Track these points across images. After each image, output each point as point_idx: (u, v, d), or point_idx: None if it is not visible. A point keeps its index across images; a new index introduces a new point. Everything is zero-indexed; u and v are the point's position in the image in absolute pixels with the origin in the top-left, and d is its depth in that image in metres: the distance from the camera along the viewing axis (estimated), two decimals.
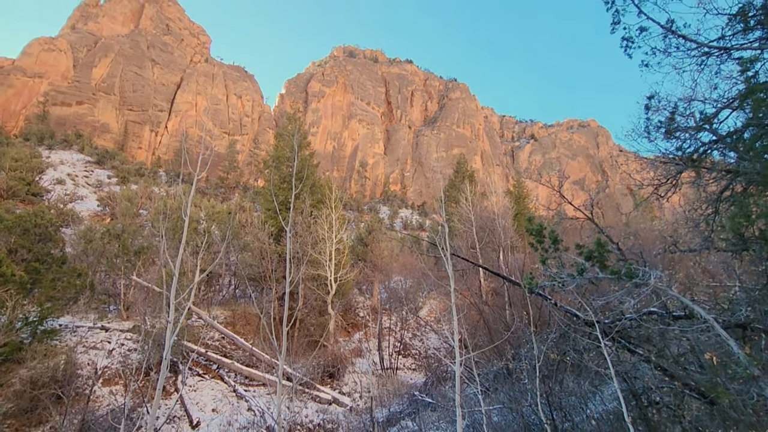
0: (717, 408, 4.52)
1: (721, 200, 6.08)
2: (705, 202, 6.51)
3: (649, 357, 5.57)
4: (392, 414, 13.33)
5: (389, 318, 24.39)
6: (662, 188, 5.92)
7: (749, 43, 4.76)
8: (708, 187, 6.47)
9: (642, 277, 4.99)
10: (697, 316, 4.82)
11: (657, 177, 5.91)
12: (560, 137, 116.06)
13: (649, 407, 6.03)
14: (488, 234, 22.96)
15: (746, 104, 4.54)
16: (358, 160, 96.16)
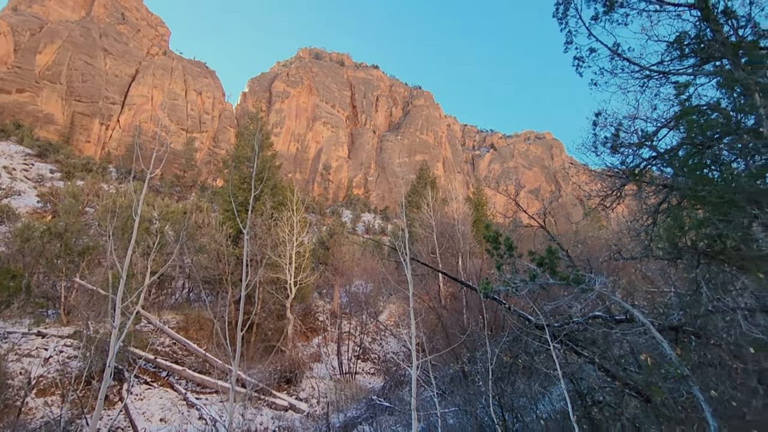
0: (652, 405, 4.85)
1: (659, 212, 6.55)
2: (645, 214, 6.99)
3: (593, 359, 5.90)
4: (349, 419, 13.25)
5: (349, 322, 24.29)
6: (608, 199, 6.31)
7: (684, 69, 5.21)
8: (648, 200, 6.95)
9: (588, 283, 5.30)
10: (636, 320, 5.17)
11: (603, 189, 6.29)
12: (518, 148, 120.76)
13: (593, 406, 6.38)
14: (448, 239, 23.43)
15: (681, 124, 4.95)
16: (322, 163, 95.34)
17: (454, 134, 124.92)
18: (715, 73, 4.64)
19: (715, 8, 4.40)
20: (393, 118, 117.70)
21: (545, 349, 6.61)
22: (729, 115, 5.01)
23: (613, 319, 6.29)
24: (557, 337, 6.33)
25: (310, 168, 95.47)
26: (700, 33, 4.65)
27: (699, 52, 4.64)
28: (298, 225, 20.12)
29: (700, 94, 5.63)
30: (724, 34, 4.41)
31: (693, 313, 5.25)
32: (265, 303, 19.43)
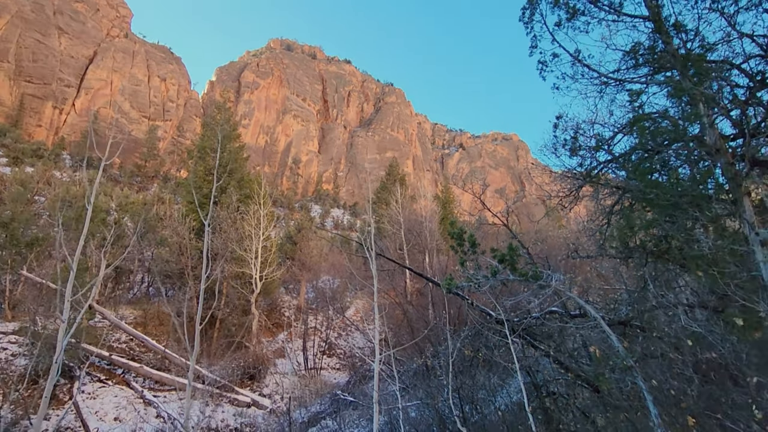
0: (600, 395, 5.13)
1: (613, 213, 6.89)
2: (601, 214, 7.34)
3: (548, 352, 6.17)
4: (313, 414, 13.22)
5: (315, 318, 24.16)
6: (566, 200, 6.58)
7: (639, 78, 5.50)
8: (604, 201, 7.29)
9: (546, 279, 5.52)
10: (589, 315, 5.44)
11: (562, 189, 6.55)
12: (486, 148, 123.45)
13: (547, 397, 6.66)
14: (416, 236, 23.68)
15: (634, 130, 5.23)
16: (291, 157, 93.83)
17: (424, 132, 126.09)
18: (666, 83, 4.92)
19: (667, 21, 4.67)
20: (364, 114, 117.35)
21: (504, 343, 6.83)
22: (677, 123, 5.33)
23: (569, 314, 6.58)
24: (516, 331, 6.56)
25: (279, 161, 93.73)
26: (654, 44, 4.92)
27: (652, 62, 4.91)
28: (265, 219, 19.74)
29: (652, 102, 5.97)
30: (674, 46, 4.69)
31: (640, 308, 5.58)
32: (230, 298, 18.98)
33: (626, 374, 4.66)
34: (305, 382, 17.34)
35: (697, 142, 4.98)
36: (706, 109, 4.31)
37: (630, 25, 5.20)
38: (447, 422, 6.73)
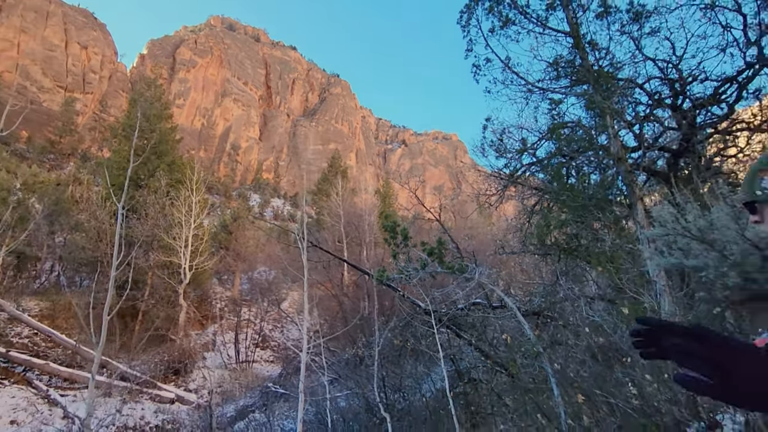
0: (514, 379, 5.57)
1: (534, 212, 7.45)
2: (523, 214, 7.90)
3: (471, 341, 6.56)
4: (242, 408, 12.91)
5: (249, 309, 23.44)
6: (492, 198, 7.00)
7: (560, 88, 5.97)
8: (526, 201, 7.85)
9: (470, 272, 5.85)
10: (507, 306, 5.86)
11: (489, 189, 6.96)
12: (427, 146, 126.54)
13: (468, 383, 7.08)
14: (355, 229, 23.77)
15: (554, 136, 5.69)
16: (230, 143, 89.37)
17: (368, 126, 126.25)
18: (582, 95, 5.41)
19: (585, 38, 5.12)
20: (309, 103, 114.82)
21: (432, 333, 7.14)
22: (590, 132, 5.88)
23: (491, 305, 7.02)
24: (443, 321, 6.89)
25: (216, 146, 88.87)
26: (573, 59, 5.37)
27: (570, 75, 5.36)
28: (197, 206, 18.70)
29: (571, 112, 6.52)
30: (589, 62, 5.16)
31: (551, 300, 6.13)
32: (155, 289, 17.80)
33: (536, 359, 5.11)
34: (236, 375, 16.81)
35: (605, 151, 5.54)
36: (612, 122, 4.81)
37: (554, 38, 5.63)
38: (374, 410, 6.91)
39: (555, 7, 5.31)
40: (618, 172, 4.89)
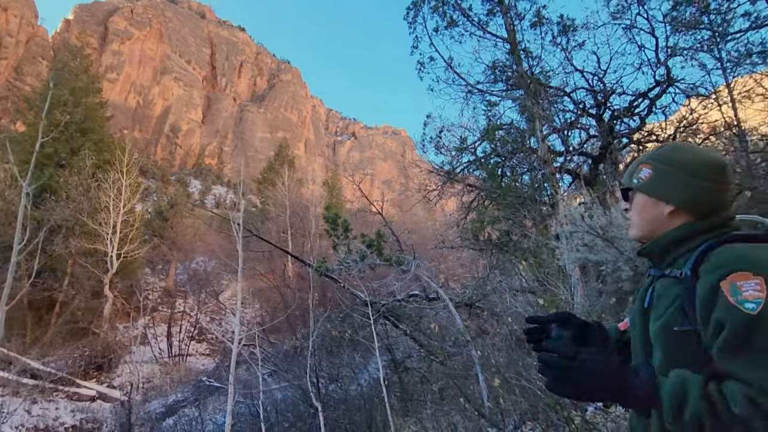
0: (444, 366, 5.85)
1: (471, 209, 7.80)
2: (462, 210, 8.24)
3: (407, 330, 6.78)
4: (174, 403, 12.38)
5: (185, 301, 22.37)
6: (432, 194, 7.24)
7: (497, 91, 6.28)
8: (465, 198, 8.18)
9: (407, 264, 6.03)
10: (441, 297, 6.12)
11: (430, 184, 7.18)
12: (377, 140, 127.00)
13: (404, 372, 7.32)
14: (300, 220, 23.43)
15: (489, 137, 5.99)
16: (170, 124, 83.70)
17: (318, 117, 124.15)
18: (516, 99, 5.74)
19: (520, 45, 5.42)
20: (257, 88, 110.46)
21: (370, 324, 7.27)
22: (522, 135, 6.26)
23: (427, 297, 7.28)
24: (381, 312, 7.05)
25: (154, 127, 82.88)
26: (509, 64, 5.68)
27: (507, 79, 5.66)
28: (128, 189, 17.41)
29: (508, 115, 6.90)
30: (523, 68, 5.48)
31: (482, 292, 6.49)
32: (77, 278, 16.39)
33: (464, 348, 5.40)
34: (167, 369, 16.03)
35: (535, 154, 5.93)
36: (540, 126, 5.16)
37: (493, 43, 5.92)
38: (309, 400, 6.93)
39: (495, 13, 5.57)
40: (544, 173, 5.26)
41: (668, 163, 0.89)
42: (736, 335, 0.66)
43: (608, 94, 6.14)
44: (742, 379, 0.64)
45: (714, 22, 5.97)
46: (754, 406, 0.61)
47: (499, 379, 3.49)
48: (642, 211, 0.93)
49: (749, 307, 0.65)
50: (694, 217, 0.86)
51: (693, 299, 0.75)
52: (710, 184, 0.84)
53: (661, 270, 0.90)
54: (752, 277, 0.66)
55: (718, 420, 0.64)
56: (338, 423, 6.21)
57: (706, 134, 7.08)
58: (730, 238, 0.77)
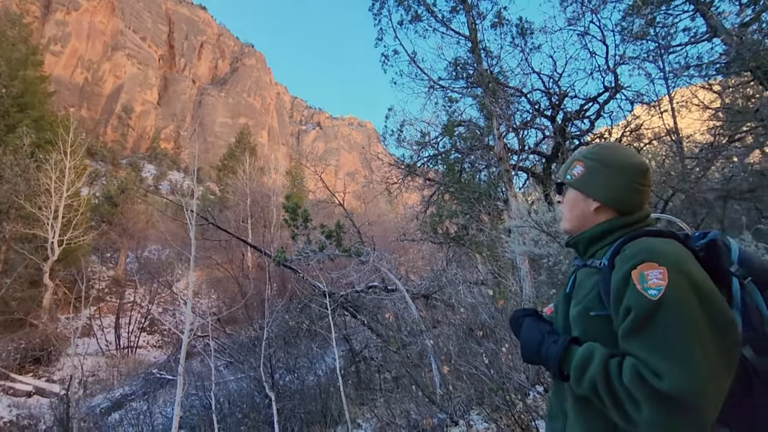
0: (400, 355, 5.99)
1: (431, 203, 7.96)
2: (422, 203, 8.38)
3: (364, 321, 6.87)
4: (121, 397, 11.92)
5: (136, 291, 21.39)
6: (393, 187, 7.32)
7: (458, 88, 6.42)
8: (425, 191, 8.33)
9: (366, 256, 6.09)
10: (399, 289, 6.23)
11: (391, 177, 7.26)
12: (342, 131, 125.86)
13: (361, 362, 7.42)
14: (262, 210, 22.94)
15: (448, 133, 6.13)
16: (122, 104, 78.70)
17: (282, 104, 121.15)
18: (476, 97, 5.89)
19: (481, 44, 5.56)
20: (218, 71, 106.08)
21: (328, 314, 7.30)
22: (482, 132, 6.44)
23: (386, 288, 7.39)
24: (340, 303, 7.10)
25: (103, 107, 77.69)
26: (470, 62, 5.81)
27: (467, 77, 5.80)
28: (72, 172, 16.31)
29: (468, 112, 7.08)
30: (483, 67, 5.64)
31: (439, 284, 6.67)
32: (12, 265, 15.26)
33: (419, 337, 5.56)
34: (115, 362, 15.34)
35: (492, 151, 6.13)
36: (498, 124, 5.34)
37: (456, 40, 6.03)
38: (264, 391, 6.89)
39: (458, 10, 5.68)
40: (499, 170, 5.46)
41: (599, 162, 0.98)
42: (639, 318, 0.75)
43: (562, 96, 6.44)
44: (638, 357, 0.73)
45: (659, 34, 6.38)
46: (641, 382, 0.69)
47: (448, 366, 3.63)
48: (573, 206, 1.02)
49: (652, 294, 0.73)
50: (616, 214, 0.96)
51: (608, 287, 0.84)
52: (633, 185, 0.94)
53: (583, 260, 1.00)
54: (657, 267, 0.75)
55: (609, 387, 0.74)
56: (293, 413, 6.22)
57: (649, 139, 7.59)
58: (643, 233, 0.87)
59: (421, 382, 4.65)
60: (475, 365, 3.45)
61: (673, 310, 0.72)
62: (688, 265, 0.77)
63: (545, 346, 0.87)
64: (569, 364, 0.81)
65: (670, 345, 0.71)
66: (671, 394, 0.66)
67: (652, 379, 0.68)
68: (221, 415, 5.98)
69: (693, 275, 0.75)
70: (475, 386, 3.46)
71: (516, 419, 2.90)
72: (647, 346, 0.73)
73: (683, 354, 0.69)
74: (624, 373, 0.73)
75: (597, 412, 0.82)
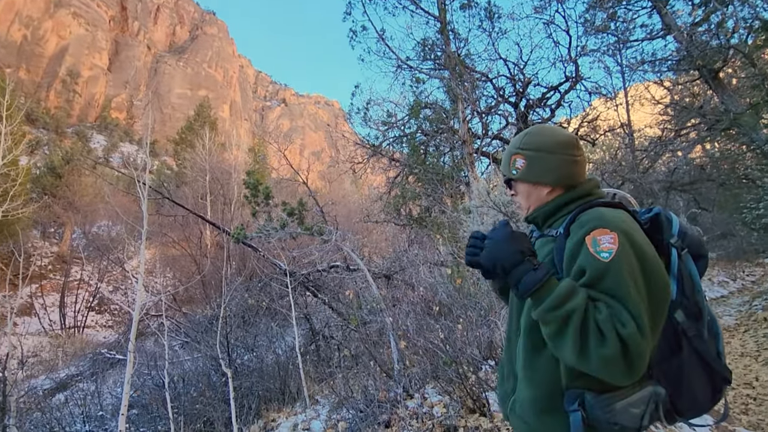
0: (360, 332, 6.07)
1: (395, 184, 7.99)
2: (387, 184, 8.40)
3: (325, 300, 6.88)
4: (67, 378, 11.42)
5: (83, 269, 20.29)
6: (358, 166, 7.27)
7: (427, 70, 6.40)
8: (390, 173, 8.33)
9: (328, 235, 6.06)
10: (360, 268, 6.27)
11: (356, 157, 7.20)
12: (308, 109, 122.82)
13: (321, 340, 7.46)
14: (222, 187, 22.21)
15: (414, 114, 6.13)
16: (67, 67, 72.61)
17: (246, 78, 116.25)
18: (443, 79, 5.91)
19: (450, 25, 5.55)
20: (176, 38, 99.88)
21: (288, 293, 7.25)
22: (447, 115, 6.49)
23: (348, 268, 7.41)
24: (301, 282, 7.06)
25: (46, 69, 71.44)
26: (439, 43, 5.80)
27: (435, 58, 5.79)
28: (8, 138, 14.98)
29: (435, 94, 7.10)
30: (451, 49, 5.64)
31: (400, 265, 6.77)
32: None
33: (379, 315, 5.65)
34: (59, 342, 14.60)
35: (457, 134, 6.21)
36: (463, 108, 5.39)
37: (425, 20, 5.98)
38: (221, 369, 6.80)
39: None
40: (462, 153, 5.54)
41: (535, 149, 1.04)
42: (593, 278, 0.81)
43: (526, 84, 6.58)
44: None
45: (619, 28, 6.63)
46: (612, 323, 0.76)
47: (405, 342, 3.72)
48: (528, 196, 1.08)
49: (604, 256, 0.80)
50: (564, 190, 1.02)
51: (562, 253, 0.90)
52: (566, 158, 1.00)
53: (541, 232, 1.06)
54: (609, 233, 0.82)
55: (584, 320, 0.78)
56: (251, 390, 6.19)
57: (604, 131, 7.94)
58: (595, 203, 0.93)
59: (380, 358, 4.74)
60: (432, 341, 3.57)
61: (621, 270, 0.79)
62: (635, 232, 0.85)
63: (521, 269, 0.86)
64: (548, 291, 0.83)
65: (618, 301, 0.78)
66: (626, 338, 0.73)
67: (617, 324, 0.75)
68: (175, 393, 5.85)
69: (638, 241, 0.83)
70: (431, 361, 3.58)
71: (468, 391, 3.03)
72: (604, 297, 0.80)
73: (632, 309, 0.76)
74: (601, 312, 0.78)
75: (546, 372, 0.89)
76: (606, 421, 0.81)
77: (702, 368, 0.88)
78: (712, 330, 0.91)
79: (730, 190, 8.63)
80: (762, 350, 4.31)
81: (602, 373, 0.77)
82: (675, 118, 8.18)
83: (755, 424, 2.97)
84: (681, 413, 0.91)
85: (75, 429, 6.01)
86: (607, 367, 0.75)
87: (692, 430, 1.15)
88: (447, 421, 2.93)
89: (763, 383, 3.61)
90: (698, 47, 5.12)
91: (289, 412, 5.53)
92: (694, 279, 0.92)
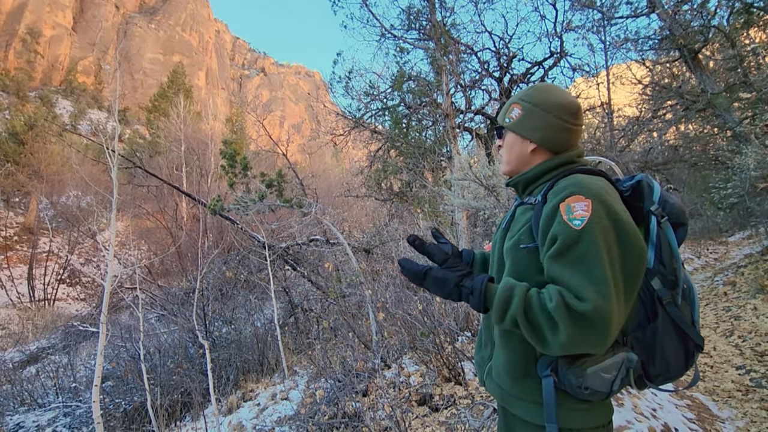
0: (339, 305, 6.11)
1: (376, 158, 7.89)
2: (368, 158, 8.29)
3: (304, 273, 6.86)
4: (38, 350, 11.20)
5: (52, 240, 19.60)
6: (339, 139, 7.13)
7: (410, 39, 6.23)
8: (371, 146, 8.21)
9: (308, 208, 5.97)
10: (340, 242, 6.24)
11: (336, 129, 7.04)
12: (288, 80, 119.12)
13: (301, 313, 7.48)
14: (198, 158, 21.56)
15: (397, 86, 5.99)
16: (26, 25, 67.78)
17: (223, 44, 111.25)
18: (427, 50, 5.77)
19: None
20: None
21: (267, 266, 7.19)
22: (431, 87, 6.38)
23: (328, 241, 7.38)
24: (280, 255, 6.99)
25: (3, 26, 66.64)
26: (425, 11, 5.63)
27: (420, 28, 5.62)
28: None
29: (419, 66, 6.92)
30: (437, 18, 5.49)
31: (380, 239, 6.77)
32: None
33: (358, 288, 5.68)
34: (29, 315, 14.23)
35: (440, 108, 6.12)
36: (448, 81, 5.30)
37: None
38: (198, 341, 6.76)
39: None
40: (445, 126, 5.49)
41: (534, 103, 0.99)
42: (563, 246, 0.79)
43: (511, 58, 6.50)
44: (562, 282, 0.78)
45: (605, 4, 6.57)
46: (564, 305, 0.74)
47: (383, 313, 3.76)
48: (511, 149, 1.04)
49: (576, 224, 0.78)
50: (551, 154, 0.99)
51: (539, 220, 0.88)
52: (562, 123, 0.96)
53: (521, 199, 1.03)
54: (584, 200, 0.80)
55: (528, 320, 0.78)
56: (229, 362, 6.21)
57: (585, 109, 7.99)
58: (576, 170, 0.90)
59: (359, 330, 4.80)
60: (410, 312, 3.62)
61: (593, 238, 0.77)
62: (610, 199, 0.82)
63: (464, 300, 0.86)
64: (492, 306, 0.83)
65: (589, 270, 0.75)
66: (586, 313, 0.72)
67: (574, 302, 0.73)
68: (151, 365, 5.80)
69: (613, 208, 0.81)
70: (409, 332, 3.64)
71: (444, 361, 3.09)
72: (569, 270, 0.77)
73: (599, 277, 0.74)
74: (549, 299, 0.77)
75: (521, 340, 0.89)
76: (577, 385, 0.80)
77: (676, 335, 0.89)
78: (688, 297, 0.91)
79: (701, 171, 8.92)
80: (720, 322, 4.55)
81: (572, 352, 0.77)
82: (653, 99, 8.30)
83: (711, 389, 3.18)
84: (652, 379, 0.92)
85: (48, 400, 5.91)
86: (572, 348, 0.75)
87: (653, 393, 1.17)
88: (423, 390, 3.00)
89: (720, 352, 3.83)
90: (681, 26, 5.13)
91: (267, 383, 5.58)
92: (672, 246, 0.91)
